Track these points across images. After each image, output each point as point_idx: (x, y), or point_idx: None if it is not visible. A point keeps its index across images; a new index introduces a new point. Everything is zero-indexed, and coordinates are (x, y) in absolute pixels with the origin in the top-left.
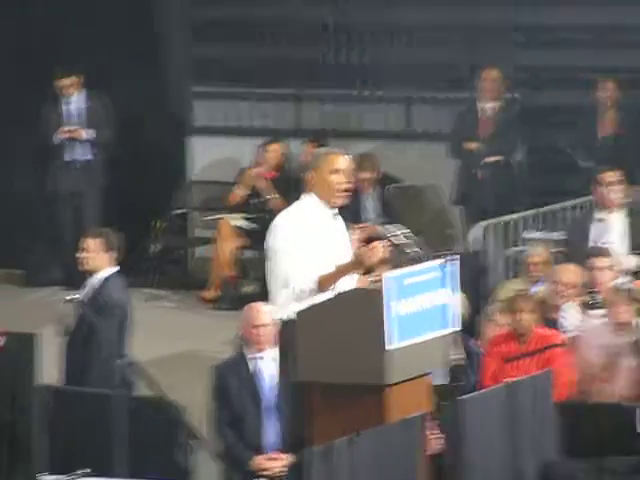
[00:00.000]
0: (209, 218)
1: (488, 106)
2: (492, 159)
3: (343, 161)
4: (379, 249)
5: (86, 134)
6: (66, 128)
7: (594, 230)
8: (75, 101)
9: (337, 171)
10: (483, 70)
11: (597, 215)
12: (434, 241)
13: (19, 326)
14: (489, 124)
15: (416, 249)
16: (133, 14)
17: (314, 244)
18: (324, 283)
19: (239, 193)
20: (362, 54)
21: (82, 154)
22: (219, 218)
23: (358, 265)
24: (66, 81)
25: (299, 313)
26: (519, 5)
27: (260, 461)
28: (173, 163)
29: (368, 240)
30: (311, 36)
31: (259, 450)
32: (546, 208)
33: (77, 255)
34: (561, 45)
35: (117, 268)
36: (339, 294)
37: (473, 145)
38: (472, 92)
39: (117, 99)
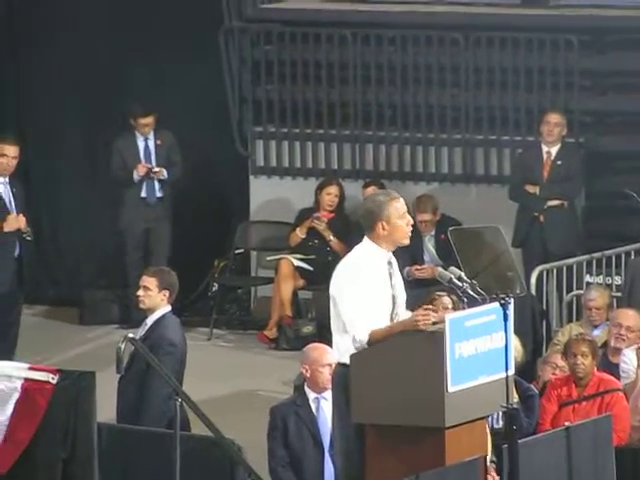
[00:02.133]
0: (272, 258)
1: (552, 150)
2: (555, 202)
3: (404, 204)
4: (434, 315)
5: (165, 173)
6: (149, 166)
7: None
8: (150, 139)
9: (404, 215)
10: (545, 114)
11: None
12: (493, 284)
13: (74, 364)
14: (552, 167)
15: (472, 291)
16: (197, 52)
17: (375, 291)
18: (376, 337)
19: (299, 234)
20: (427, 96)
21: (156, 192)
22: (281, 258)
23: (413, 327)
24: (146, 120)
25: (354, 355)
26: (585, 49)
27: None
28: (235, 203)
29: (430, 301)
30: (373, 77)
31: None
32: (607, 252)
33: (137, 293)
34: (627, 90)
35: (169, 307)
36: (398, 336)
37: (535, 188)
38: (535, 135)
39: (181, 137)
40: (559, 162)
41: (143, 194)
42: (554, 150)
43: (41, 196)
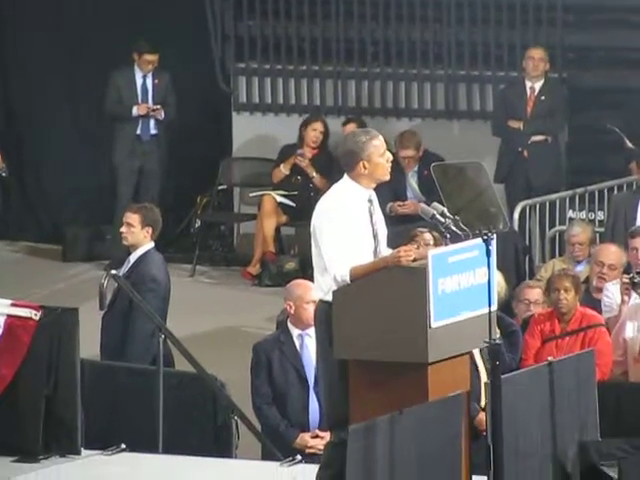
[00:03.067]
0: (255, 194)
1: (535, 85)
2: (539, 138)
3: (383, 142)
4: (416, 251)
5: (162, 114)
6: (150, 106)
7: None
8: (149, 77)
9: (384, 152)
10: (528, 49)
11: None
12: (476, 219)
13: (57, 301)
14: (535, 103)
15: (455, 227)
16: None
17: (356, 229)
18: (358, 274)
19: (282, 170)
20: (410, 31)
21: (151, 129)
22: (263, 194)
23: (395, 263)
24: (152, 57)
25: (336, 292)
26: None
27: (305, 439)
28: (217, 139)
29: (411, 237)
30: (355, 13)
31: (303, 428)
32: (590, 187)
33: (120, 230)
34: (610, 25)
35: (153, 244)
36: (380, 272)
37: (519, 123)
38: (519, 71)
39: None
40: (542, 97)
41: (138, 131)
42: (537, 85)
43: (23, 133)
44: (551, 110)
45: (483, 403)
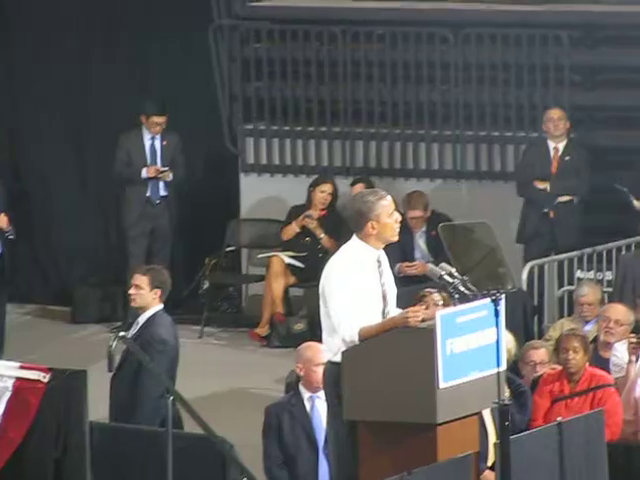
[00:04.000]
0: (263, 255)
1: (558, 145)
2: (565, 198)
3: (392, 202)
4: (424, 312)
5: (171, 176)
6: (159, 168)
7: None
8: (157, 138)
9: (393, 212)
10: (547, 111)
11: None
12: (484, 280)
13: (66, 363)
14: (559, 163)
15: (463, 288)
16: (187, 49)
17: (365, 289)
18: (366, 335)
19: (294, 227)
20: (418, 92)
21: (161, 191)
22: (272, 255)
23: (403, 324)
24: (160, 119)
25: (345, 352)
26: (575, 45)
27: None
28: (225, 200)
29: (419, 297)
30: (363, 74)
31: None
32: (598, 247)
33: (129, 292)
34: (617, 85)
35: (161, 306)
36: (389, 333)
37: (545, 184)
38: (528, 132)
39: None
40: (567, 158)
41: (148, 193)
42: (561, 146)
43: (33, 195)
44: (576, 170)
45: (490, 463)
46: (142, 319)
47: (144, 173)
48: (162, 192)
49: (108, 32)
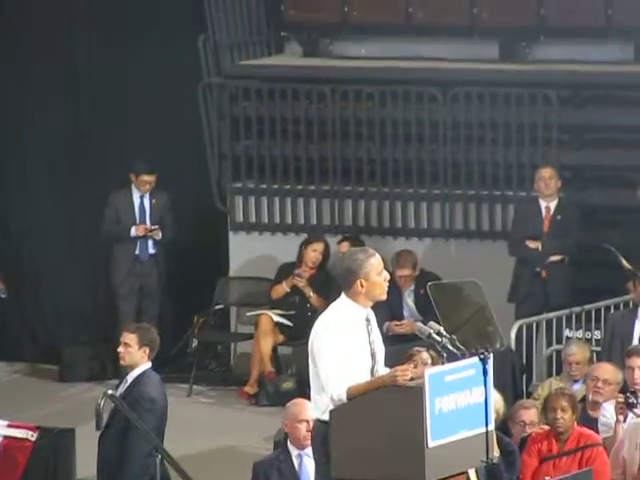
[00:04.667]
0: (251, 314)
1: (550, 204)
2: (557, 258)
3: (381, 261)
4: (413, 371)
5: (160, 234)
6: (148, 227)
7: (637, 329)
8: (146, 197)
9: (382, 271)
10: (538, 169)
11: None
12: (473, 338)
13: (54, 421)
14: (551, 222)
15: (452, 346)
16: (176, 107)
17: (353, 348)
18: (355, 393)
19: (284, 287)
20: (406, 151)
21: (150, 249)
22: (260, 313)
23: (392, 383)
24: (150, 178)
25: (333, 411)
26: (563, 104)
27: None
28: (214, 258)
29: (408, 356)
30: (351, 132)
31: None
32: (587, 306)
33: (117, 350)
34: (605, 144)
35: (150, 364)
36: (377, 391)
37: (537, 243)
38: (516, 191)
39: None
40: (558, 217)
41: (137, 251)
42: (552, 205)
43: (21, 253)
44: (567, 229)
45: None
46: (130, 377)
47: (133, 231)
48: (151, 250)
49: (98, 92)
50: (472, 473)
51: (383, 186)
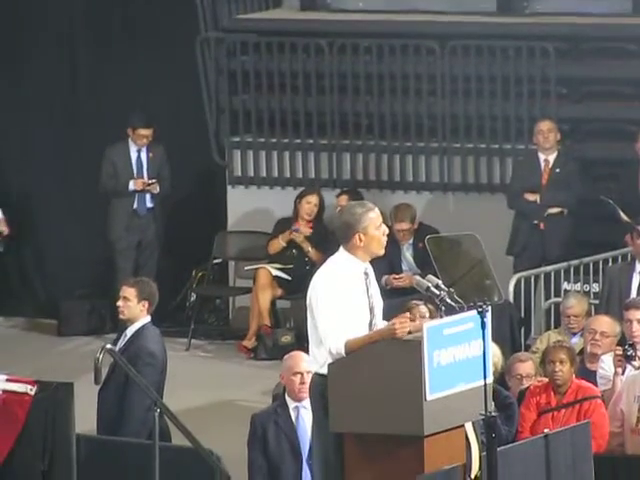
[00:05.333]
0: (250, 267)
1: (549, 157)
2: (555, 210)
3: (379, 215)
4: (411, 323)
5: (158, 188)
6: (144, 180)
7: (635, 282)
8: (143, 151)
9: (380, 225)
10: (537, 122)
11: (637, 267)
12: (471, 292)
13: (53, 375)
14: (550, 175)
15: (450, 300)
16: (174, 61)
17: (351, 301)
18: (353, 347)
19: (280, 242)
20: (404, 104)
21: (147, 203)
22: (259, 267)
23: (390, 336)
24: (146, 131)
25: (332, 365)
26: (561, 57)
27: None
28: (212, 212)
29: (407, 309)
30: (349, 86)
31: None
32: (585, 259)
33: (117, 304)
34: (603, 97)
35: (149, 318)
36: (376, 345)
37: (535, 196)
38: (515, 144)
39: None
40: (557, 170)
41: (134, 205)
42: (551, 158)
43: (18, 209)
44: (566, 182)
45: (474, 475)
46: (130, 331)
47: (131, 186)
48: (149, 204)
49: (95, 46)
50: (469, 426)
51: (381, 140)
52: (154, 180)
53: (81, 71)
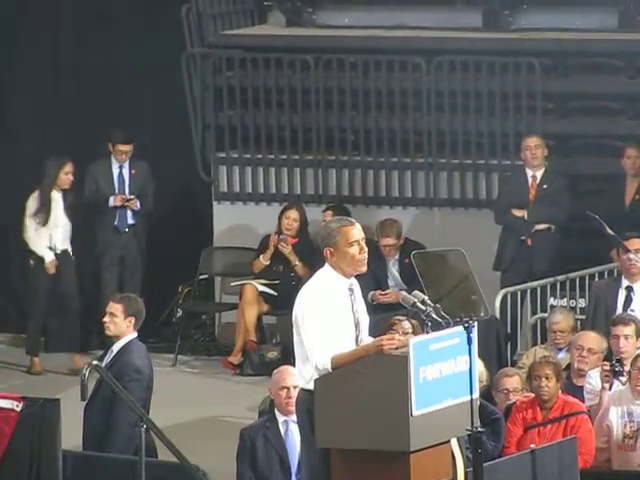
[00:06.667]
0: (236, 283)
1: (536, 173)
2: (542, 226)
3: (357, 232)
4: (399, 340)
5: (138, 204)
6: (124, 196)
7: (621, 297)
8: (125, 167)
9: (354, 243)
10: (524, 138)
11: (624, 283)
12: (457, 307)
13: (39, 392)
14: (537, 191)
15: (436, 315)
16: (159, 78)
17: (337, 317)
18: (339, 362)
19: (262, 261)
20: (390, 120)
21: (129, 219)
22: (245, 283)
23: (377, 351)
24: (126, 147)
25: (318, 380)
26: (547, 73)
27: None
28: (198, 228)
29: (390, 325)
30: (335, 102)
31: None
32: (571, 275)
33: (103, 320)
34: (589, 112)
35: (135, 334)
36: (363, 360)
37: (523, 212)
38: (501, 159)
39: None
40: (545, 186)
41: (115, 222)
42: (539, 174)
43: (6, 225)
44: (553, 198)
45: None
46: (116, 347)
47: (111, 202)
48: (130, 220)
49: (80, 61)
50: (454, 442)
51: (367, 155)
52: (133, 197)
53: (65, 87)
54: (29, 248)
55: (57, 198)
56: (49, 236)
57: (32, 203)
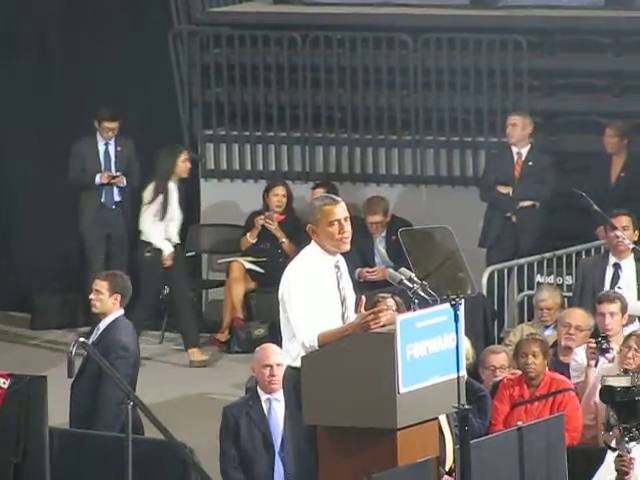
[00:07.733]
0: (223, 261)
1: (522, 150)
2: (527, 203)
3: (340, 210)
4: (384, 315)
5: (125, 181)
6: (110, 173)
7: (608, 275)
8: (111, 144)
9: (335, 222)
10: (508, 116)
11: (611, 260)
12: (444, 285)
13: (26, 369)
14: (522, 168)
15: (423, 293)
16: (147, 55)
17: (323, 295)
18: (326, 340)
19: (249, 239)
20: (377, 97)
21: (115, 196)
22: (232, 260)
23: (363, 329)
24: (112, 124)
25: (304, 358)
26: (534, 50)
27: None
28: (186, 205)
29: (373, 303)
30: (322, 79)
31: None
32: (558, 252)
33: (89, 297)
34: (575, 90)
35: (122, 311)
36: (349, 337)
37: (508, 189)
38: (487, 137)
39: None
40: (530, 163)
41: (102, 199)
42: (524, 151)
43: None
44: (539, 175)
45: (448, 467)
46: (103, 325)
47: (98, 179)
48: (116, 198)
49: (66, 36)
50: (443, 419)
51: (354, 132)
52: (119, 173)
53: (52, 64)
54: (144, 239)
55: (173, 189)
56: (165, 228)
57: (148, 194)
